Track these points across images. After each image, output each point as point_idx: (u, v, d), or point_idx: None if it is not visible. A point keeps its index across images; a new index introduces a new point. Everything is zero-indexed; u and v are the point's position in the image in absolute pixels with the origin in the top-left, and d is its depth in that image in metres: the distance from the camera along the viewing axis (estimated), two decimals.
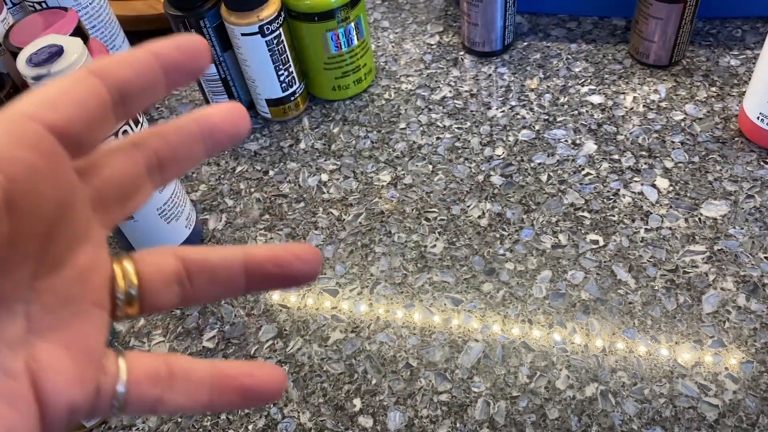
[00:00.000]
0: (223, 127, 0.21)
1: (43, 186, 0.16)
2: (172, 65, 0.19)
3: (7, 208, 0.15)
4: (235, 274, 0.21)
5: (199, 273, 0.21)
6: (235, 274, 0.21)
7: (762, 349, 0.41)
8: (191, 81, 0.21)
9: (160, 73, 0.19)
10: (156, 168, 0.20)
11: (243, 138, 0.21)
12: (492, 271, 0.47)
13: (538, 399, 0.41)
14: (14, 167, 0.16)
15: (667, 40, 0.56)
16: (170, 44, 0.19)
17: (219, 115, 0.21)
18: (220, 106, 0.21)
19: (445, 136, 0.56)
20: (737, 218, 0.47)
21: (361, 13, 0.56)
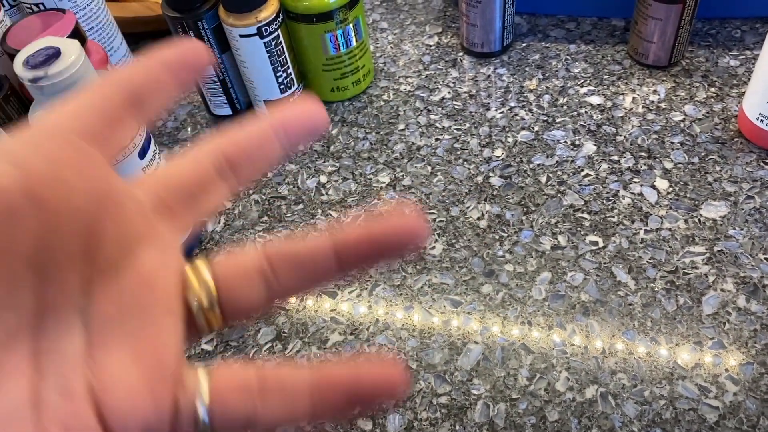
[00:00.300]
0: (297, 123, 0.21)
1: (71, 176, 0.16)
2: (176, 64, 0.20)
3: (32, 201, 0.15)
4: (324, 256, 0.19)
5: (284, 262, 0.19)
6: (323, 257, 0.19)
7: (762, 350, 0.41)
8: (197, 78, 0.21)
9: (167, 74, 0.20)
10: (227, 170, 0.20)
11: (321, 133, 0.21)
12: (491, 272, 0.47)
13: (537, 401, 0.41)
14: (33, 160, 0.15)
15: (666, 41, 0.56)
16: (170, 48, 0.20)
17: (292, 112, 0.21)
18: (294, 103, 0.21)
19: (444, 137, 0.56)
20: (737, 219, 0.47)
21: (359, 14, 0.56)
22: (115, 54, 0.58)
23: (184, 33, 0.54)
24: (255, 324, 0.46)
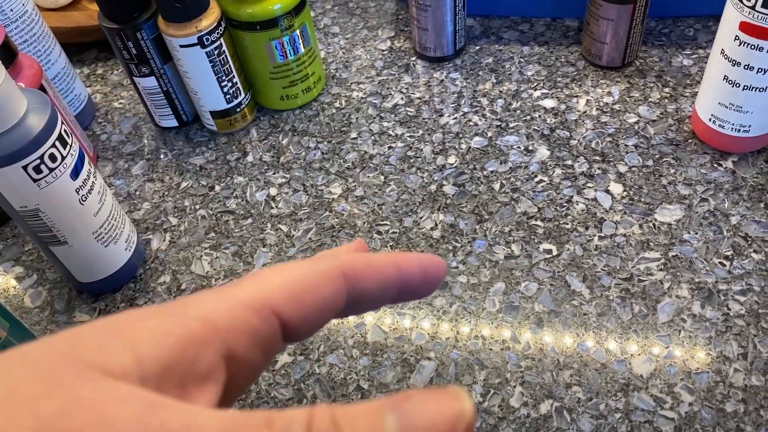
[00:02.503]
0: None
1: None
2: (408, 286, 0.20)
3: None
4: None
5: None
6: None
7: (717, 358, 0.40)
8: (413, 299, 0.21)
9: (394, 290, 0.20)
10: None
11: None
12: (444, 284, 0.46)
13: (491, 418, 0.39)
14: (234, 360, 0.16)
15: (619, 41, 0.56)
16: (417, 263, 0.20)
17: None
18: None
19: (397, 145, 0.55)
20: (691, 223, 0.47)
21: (306, 20, 0.54)
22: (53, 67, 0.55)
23: (122, 44, 0.52)
24: None
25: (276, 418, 0.13)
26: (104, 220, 0.44)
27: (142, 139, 0.59)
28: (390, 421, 0.13)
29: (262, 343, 0.17)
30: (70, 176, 0.41)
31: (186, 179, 0.55)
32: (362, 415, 0.13)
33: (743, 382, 0.39)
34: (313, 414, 0.13)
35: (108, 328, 0.15)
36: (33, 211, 0.41)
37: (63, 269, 0.46)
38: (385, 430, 0.13)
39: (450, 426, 0.13)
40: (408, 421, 0.13)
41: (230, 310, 0.16)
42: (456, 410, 0.14)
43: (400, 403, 0.14)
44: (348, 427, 0.13)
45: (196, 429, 0.13)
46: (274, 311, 0.17)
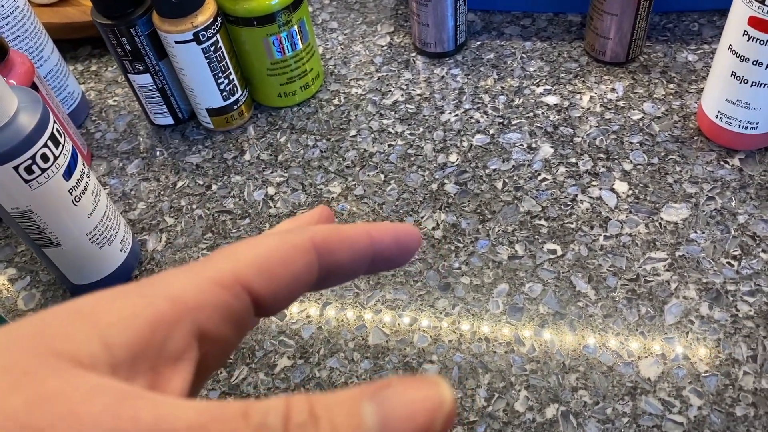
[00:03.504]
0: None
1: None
2: (382, 256, 0.19)
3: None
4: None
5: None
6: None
7: (726, 360, 0.39)
8: (388, 269, 0.21)
9: (368, 260, 0.19)
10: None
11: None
12: (447, 286, 0.45)
13: (496, 423, 0.39)
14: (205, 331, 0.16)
15: (622, 37, 0.55)
16: (390, 233, 0.19)
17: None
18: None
19: (397, 143, 0.54)
20: (698, 222, 0.46)
21: (304, 15, 0.53)
22: (45, 64, 0.54)
23: (116, 40, 0.51)
24: None
25: (252, 408, 0.13)
26: (98, 220, 0.43)
27: (137, 137, 0.58)
28: (368, 411, 0.13)
29: (234, 319, 0.16)
30: (63, 176, 0.40)
31: (182, 178, 0.54)
32: (340, 404, 0.13)
33: (753, 385, 0.38)
34: (291, 404, 0.13)
35: (74, 312, 0.14)
36: (25, 213, 0.40)
37: (57, 271, 0.45)
38: (363, 420, 0.13)
39: (429, 416, 0.13)
40: (386, 410, 0.13)
41: (200, 287, 0.16)
42: (435, 400, 0.13)
43: (378, 392, 0.13)
44: (326, 418, 0.13)
45: (168, 421, 0.12)
46: (245, 286, 0.16)
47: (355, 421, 0.13)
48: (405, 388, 0.13)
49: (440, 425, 0.13)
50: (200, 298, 0.16)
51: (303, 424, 0.13)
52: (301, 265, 0.17)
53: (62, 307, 0.15)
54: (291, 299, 0.18)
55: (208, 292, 0.16)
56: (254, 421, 0.12)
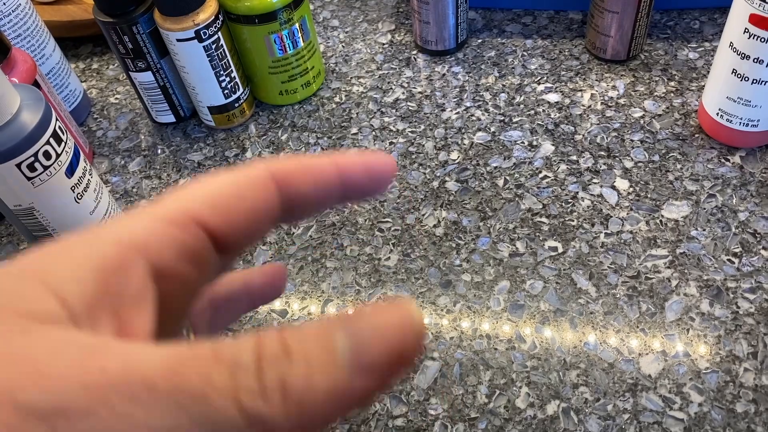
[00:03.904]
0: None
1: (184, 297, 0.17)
2: (353, 187, 0.19)
3: None
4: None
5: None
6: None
7: (727, 357, 0.39)
8: (366, 200, 0.20)
9: (337, 191, 0.18)
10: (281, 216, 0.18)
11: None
12: (448, 283, 0.45)
13: (497, 420, 0.39)
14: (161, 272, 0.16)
15: (623, 34, 0.55)
16: (359, 162, 0.19)
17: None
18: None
19: (398, 140, 0.54)
20: (699, 219, 0.46)
21: (305, 13, 0.53)
22: (47, 62, 0.54)
23: (118, 38, 0.51)
24: None
25: (223, 349, 0.13)
26: (101, 218, 0.43)
27: (138, 135, 0.58)
28: (341, 340, 0.13)
29: (191, 256, 0.16)
30: (65, 174, 0.40)
31: (184, 176, 0.54)
32: (312, 336, 0.13)
33: (753, 381, 0.38)
34: (262, 340, 0.13)
35: (21, 271, 0.14)
36: (27, 210, 0.40)
37: None
38: (336, 350, 0.13)
39: (400, 338, 0.13)
40: (358, 338, 0.13)
41: (147, 226, 0.15)
42: (405, 322, 0.13)
43: (349, 321, 0.13)
44: (299, 351, 0.13)
45: (138, 369, 0.12)
46: (198, 221, 0.16)
47: (328, 351, 0.13)
48: (374, 314, 0.13)
49: (412, 346, 0.13)
50: (149, 237, 0.15)
51: (276, 359, 0.13)
52: (258, 197, 0.17)
53: (7, 269, 0.14)
54: (255, 234, 0.17)
55: (157, 231, 0.15)
56: (226, 361, 0.12)
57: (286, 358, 0.13)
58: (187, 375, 0.12)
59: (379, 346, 0.13)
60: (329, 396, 0.13)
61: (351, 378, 0.13)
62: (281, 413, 0.12)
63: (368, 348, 0.13)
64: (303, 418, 0.13)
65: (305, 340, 0.13)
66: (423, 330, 0.14)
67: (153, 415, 0.12)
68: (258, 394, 0.12)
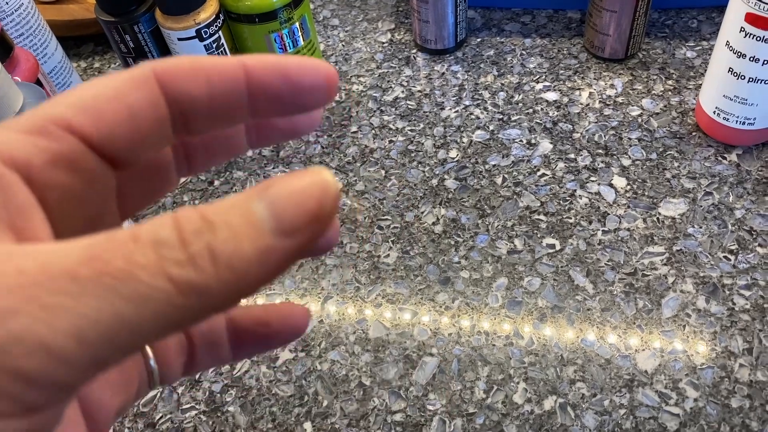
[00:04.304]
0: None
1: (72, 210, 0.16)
2: (266, 93, 0.16)
3: None
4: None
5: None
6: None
7: (722, 353, 0.40)
8: (291, 115, 0.18)
9: (243, 98, 0.16)
10: None
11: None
12: (447, 280, 0.45)
13: (495, 415, 0.39)
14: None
15: (622, 33, 0.55)
16: (272, 61, 0.16)
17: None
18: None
19: (397, 139, 0.54)
20: (696, 217, 0.46)
21: (305, 12, 0.54)
22: (49, 61, 0.55)
23: (119, 37, 0.51)
24: None
25: (141, 231, 0.13)
26: None
27: None
28: (259, 208, 0.13)
29: (66, 164, 0.15)
30: None
31: None
32: (231, 207, 0.13)
33: (749, 377, 0.39)
34: (179, 216, 0.13)
35: None
36: None
37: None
38: (256, 217, 0.13)
39: (317, 200, 0.13)
40: (276, 203, 0.13)
41: (10, 138, 0.15)
42: (320, 185, 0.14)
43: (266, 189, 0.13)
44: (221, 221, 0.13)
45: (57, 264, 0.12)
46: (67, 127, 0.15)
47: (249, 219, 0.13)
48: (290, 180, 0.14)
49: (329, 207, 0.14)
50: (12, 150, 0.15)
51: (198, 231, 0.13)
52: (136, 98, 0.15)
53: None
54: (147, 143, 0.16)
55: (21, 142, 0.15)
56: (147, 240, 0.12)
57: (209, 229, 0.13)
58: (109, 259, 0.12)
59: (296, 210, 0.13)
60: (258, 258, 0.13)
61: (275, 241, 0.13)
62: (214, 278, 0.13)
63: (287, 213, 0.13)
64: (237, 283, 0.13)
65: (224, 212, 0.13)
66: (337, 191, 0.14)
67: (82, 302, 0.12)
68: (187, 263, 0.12)
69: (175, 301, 0.12)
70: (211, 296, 0.13)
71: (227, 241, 0.13)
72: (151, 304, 0.12)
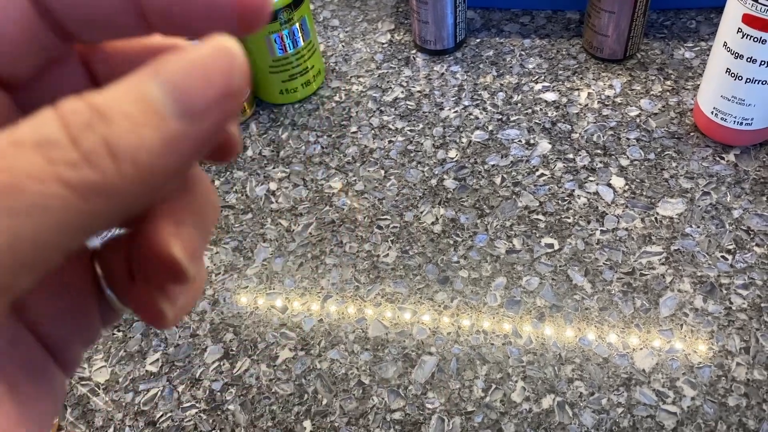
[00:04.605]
0: None
1: None
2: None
3: None
4: None
5: None
6: None
7: (719, 352, 0.40)
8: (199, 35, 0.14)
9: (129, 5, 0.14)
10: None
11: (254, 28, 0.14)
12: (446, 279, 0.45)
13: (493, 413, 0.39)
14: None
15: (620, 34, 0.55)
16: None
17: None
18: None
19: (397, 139, 0.55)
20: (694, 216, 0.46)
21: (305, 13, 0.54)
22: None
23: None
24: (202, 342, 0.45)
25: (19, 133, 0.11)
26: None
27: None
28: (155, 91, 0.11)
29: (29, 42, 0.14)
30: None
31: None
32: (124, 92, 0.11)
33: (745, 376, 0.39)
34: (61, 108, 0.11)
35: None
36: None
37: None
38: (154, 102, 0.11)
39: (223, 71, 0.12)
40: (174, 84, 0.11)
41: None
42: (223, 53, 0.12)
43: (160, 66, 0.12)
44: (115, 111, 0.11)
45: None
46: None
47: (147, 105, 0.11)
48: (185, 53, 0.12)
49: (238, 79, 0.12)
50: None
51: (89, 123, 0.11)
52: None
53: None
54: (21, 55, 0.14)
55: None
56: (28, 144, 0.11)
57: (102, 120, 0.11)
58: None
59: (201, 87, 0.12)
60: (165, 147, 0.11)
61: (181, 126, 0.12)
62: (116, 176, 0.11)
63: (190, 92, 0.12)
64: (143, 178, 0.11)
65: (116, 99, 0.11)
66: (243, 58, 0.12)
67: None
68: (81, 162, 0.11)
69: (77, 207, 0.11)
70: (118, 196, 0.11)
71: (126, 133, 0.11)
72: (50, 215, 0.11)
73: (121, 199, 0.11)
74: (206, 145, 0.12)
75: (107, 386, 0.43)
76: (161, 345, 0.45)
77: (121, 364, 0.44)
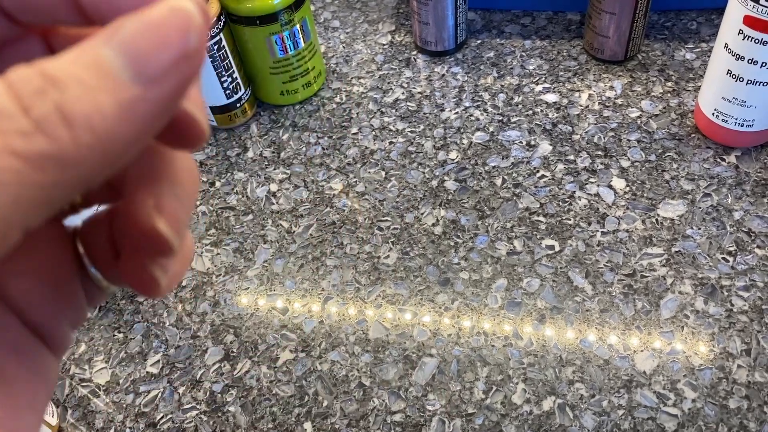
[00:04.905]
0: None
1: None
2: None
3: None
4: None
5: None
6: None
7: (720, 354, 0.40)
8: None
9: None
10: None
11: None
12: (446, 281, 0.45)
13: (494, 415, 0.39)
14: None
15: (621, 35, 0.55)
16: None
17: None
18: None
19: (398, 140, 0.55)
20: (694, 218, 0.46)
21: (306, 14, 0.54)
22: None
23: None
24: (202, 344, 0.44)
25: None
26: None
27: None
28: (110, 56, 0.11)
29: None
30: None
31: None
32: (78, 59, 0.11)
33: (747, 378, 0.39)
34: (11, 78, 0.11)
35: None
36: None
37: None
38: (110, 67, 0.11)
39: (180, 31, 0.11)
40: (129, 47, 0.11)
41: None
42: (180, 12, 0.11)
43: (113, 31, 0.11)
44: (68, 77, 0.11)
45: None
46: None
47: (102, 71, 0.11)
48: (139, 15, 0.11)
49: (196, 39, 0.12)
50: None
51: (41, 91, 0.11)
52: None
53: None
54: None
55: None
56: None
57: (54, 87, 0.11)
58: None
59: (157, 49, 0.11)
60: (122, 112, 0.11)
61: (138, 91, 0.11)
62: (72, 144, 0.11)
63: (146, 54, 0.11)
64: (101, 146, 0.11)
65: (69, 65, 0.11)
66: (200, 18, 0.12)
67: None
68: (34, 131, 0.10)
69: (33, 179, 0.10)
70: (76, 166, 0.11)
71: (80, 99, 0.11)
72: (3, 190, 0.10)
73: (79, 170, 0.11)
74: (166, 111, 0.12)
75: (108, 388, 0.43)
76: (162, 346, 0.45)
77: (121, 365, 0.44)
